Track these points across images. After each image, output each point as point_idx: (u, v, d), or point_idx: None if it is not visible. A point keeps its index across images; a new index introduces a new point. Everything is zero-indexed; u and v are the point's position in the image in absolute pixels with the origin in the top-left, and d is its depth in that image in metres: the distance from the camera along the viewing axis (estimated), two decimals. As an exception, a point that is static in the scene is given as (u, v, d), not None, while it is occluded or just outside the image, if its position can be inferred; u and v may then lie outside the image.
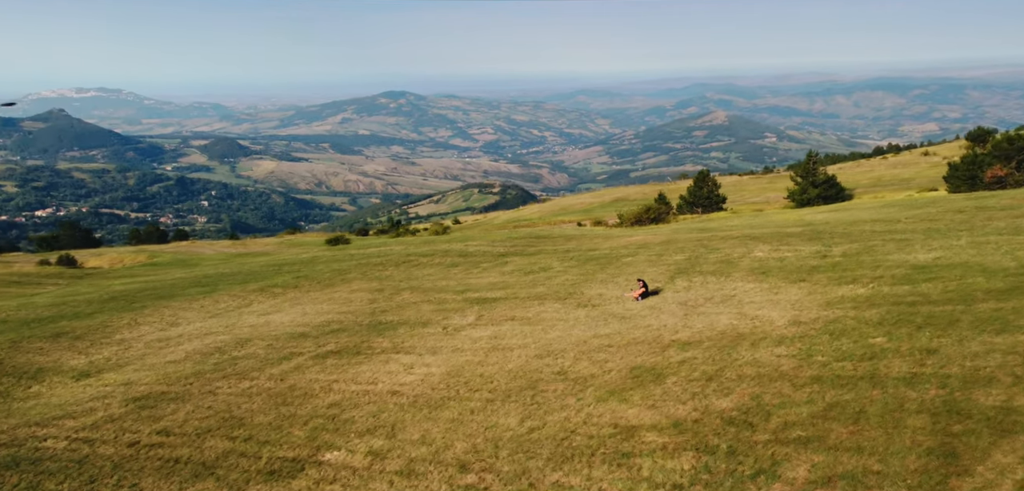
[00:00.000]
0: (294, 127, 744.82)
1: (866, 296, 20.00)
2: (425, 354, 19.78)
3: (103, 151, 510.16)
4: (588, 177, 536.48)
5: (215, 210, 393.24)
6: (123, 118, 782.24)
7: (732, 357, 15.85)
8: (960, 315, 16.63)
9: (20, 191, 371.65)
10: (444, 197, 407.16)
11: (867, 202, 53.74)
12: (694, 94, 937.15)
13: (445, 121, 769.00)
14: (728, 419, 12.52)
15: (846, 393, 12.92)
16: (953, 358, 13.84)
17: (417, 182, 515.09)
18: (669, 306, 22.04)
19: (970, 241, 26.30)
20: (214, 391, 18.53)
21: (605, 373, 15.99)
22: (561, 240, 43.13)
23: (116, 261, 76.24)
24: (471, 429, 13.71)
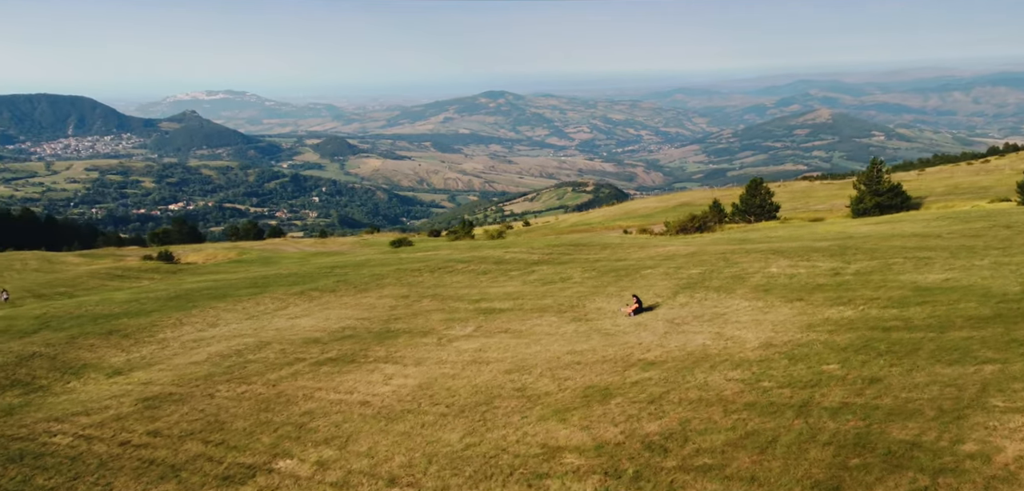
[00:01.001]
0: (399, 126, 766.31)
1: (850, 319, 19.72)
2: (410, 365, 20.60)
3: (228, 150, 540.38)
4: (684, 176, 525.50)
5: (325, 206, 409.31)
6: (246, 118, 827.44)
7: (685, 380, 16.03)
8: (927, 343, 16.31)
9: (156, 187, 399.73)
10: (538, 195, 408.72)
11: (924, 214, 51.02)
12: (797, 91, 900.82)
13: (542, 120, 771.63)
14: (648, 443, 12.80)
15: (770, 421, 12.98)
16: (893, 388, 13.72)
17: (513, 180, 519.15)
18: (656, 323, 22.16)
19: (993, 262, 25.24)
20: (213, 394, 19.90)
21: (560, 391, 16.39)
22: (597, 249, 43.14)
23: (210, 257, 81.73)
24: (415, 443, 14.36)
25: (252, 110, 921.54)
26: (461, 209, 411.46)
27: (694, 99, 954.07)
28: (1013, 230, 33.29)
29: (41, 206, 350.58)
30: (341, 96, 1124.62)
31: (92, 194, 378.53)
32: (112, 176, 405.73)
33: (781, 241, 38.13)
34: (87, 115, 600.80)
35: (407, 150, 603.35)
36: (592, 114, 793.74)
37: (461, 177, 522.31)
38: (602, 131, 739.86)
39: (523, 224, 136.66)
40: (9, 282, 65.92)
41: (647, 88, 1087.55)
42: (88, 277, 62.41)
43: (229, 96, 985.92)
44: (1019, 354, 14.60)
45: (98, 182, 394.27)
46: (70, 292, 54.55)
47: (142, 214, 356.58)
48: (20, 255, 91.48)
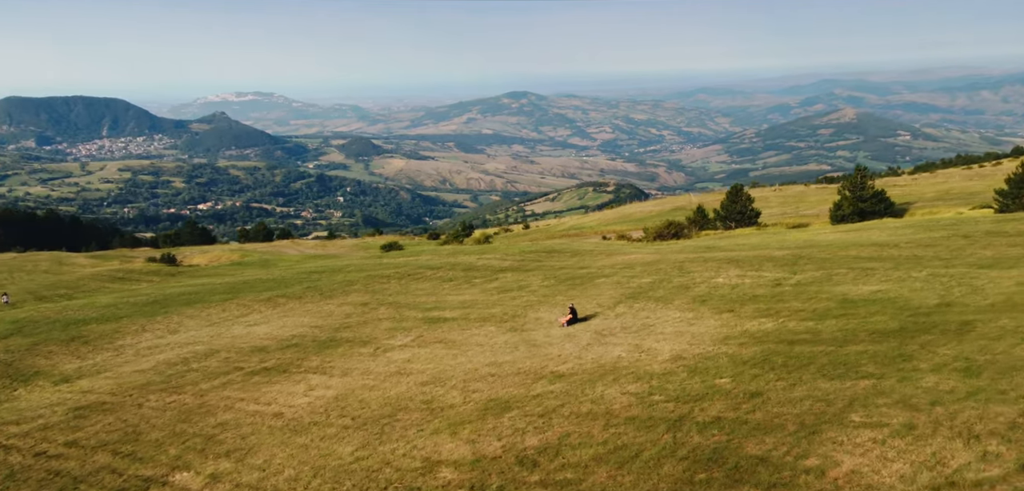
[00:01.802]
0: (423, 127, 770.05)
1: (766, 331, 19.89)
2: (337, 376, 20.93)
3: (256, 150, 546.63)
4: (705, 176, 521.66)
5: (349, 205, 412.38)
6: (274, 119, 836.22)
7: (584, 393, 16.24)
8: (822, 357, 16.49)
9: (186, 187, 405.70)
10: (559, 195, 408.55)
11: (896, 222, 50.86)
12: (821, 91, 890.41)
13: (564, 120, 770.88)
14: (522, 458, 13.06)
15: (642, 435, 13.22)
16: (769, 403, 13.93)
17: (535, 180, 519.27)
18: (584, 334, 22.36)
19: (929, 274, 25.35)
20: (142, 404, 20.25)
21: (465, 404, 16.63)
22: (567, 256, 43.11)
23: (215, 259, 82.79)
24: (309, 456, 14.66)
25: (280, 111, 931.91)
26: (483, 209, 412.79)
27: (717, 99, 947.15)
28: (968, 240, 33.18)
29: (76, 205, 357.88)
30: (367, 97, 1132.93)
31: (124, 194, 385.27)
32: (144, 176, 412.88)
33: (743, 249, 38.22)
34: (121, 117, 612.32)
35: (431, 150, 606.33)
36: (614, 114, 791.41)
37: (483, 177, 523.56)
38: (624, 131, 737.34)
39: (523, 227, 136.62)
40: (17, 283, 67.41)
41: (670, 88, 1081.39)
42: (91, 279, 63.50)
43: (258, 98, 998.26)
44: (897, 370, 14.73)
45: (130, 182, 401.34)
46: (69, 294, 55.61)
47: (172, 213, 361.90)
48: (35, 256, 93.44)
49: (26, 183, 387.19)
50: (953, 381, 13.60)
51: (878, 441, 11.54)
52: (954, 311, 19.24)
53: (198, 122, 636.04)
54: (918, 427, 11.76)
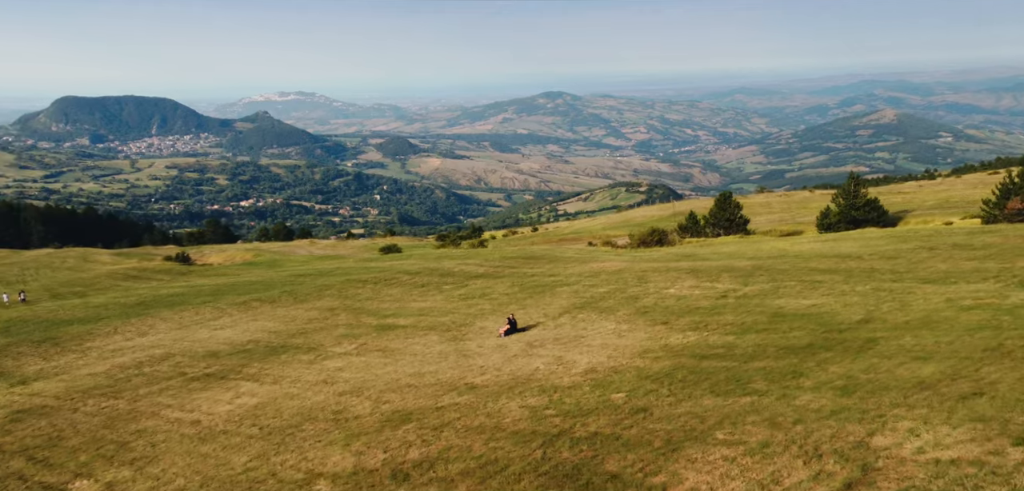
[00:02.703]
0: (459, 127, 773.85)
1: (685, 345, 19.98)
2: (267, 383, 21.30)
3: (297, 149, 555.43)
4: (741, 177, 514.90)
5: (386, 203, 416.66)
6: (315, 119, 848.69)
7: (486, 406, 16.41)
8: (722, 372, 16.60)
9: (230, 184, 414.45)
10: (592, 195, 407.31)
11: (875, 232, 50.84)
12: (861, 91, 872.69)
13: (599, 120, 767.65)
14: (396, 471, 13.29)
15: (517, 450, 13.38)
16: (651, 419, 14.05)
17: (569, 180, 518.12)
18: (516, 345, 22.52)
19: (873, 287, 25.24)
20: (78, 409, 20.74)
21: (371, 415, 16.83)
22: (544, 263, 43.15)
23: (229, 258, 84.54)
24: (206, 465, 14.97)
25: (321, 111, 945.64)
26: (516, 208, 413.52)
27: (754, 99, 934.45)
28: (932, 253, 32.90)
29: (125, 201, 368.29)
30: (405, 97, 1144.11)
31: (171, 190, 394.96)
32: (190, 174, 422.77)
33: (712, 259, 38.28)
34: (169, 115, 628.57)
35: (466, 150, 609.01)
36: (649, 114, 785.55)
37: (517, 176, 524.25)
38: (659, 131, 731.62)
39: (531, 230, 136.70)
40: (40, 279, 69.70)
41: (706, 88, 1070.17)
42: (106, 277, 65.20)
43: (300, 97, 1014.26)
44: (783, 387, 14.80)
45: (177, 179, 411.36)
46: (81, 292, 57.29)
47: (215, 210, 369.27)
48: (65, 253, 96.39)
49: (80, 179, 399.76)
50: (826, 399, 13.63)
51: (729, 459, 11.65)
52: (868, 328, 19.18)
53: (242, 121, 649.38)
54: (772, 445, 11.86)
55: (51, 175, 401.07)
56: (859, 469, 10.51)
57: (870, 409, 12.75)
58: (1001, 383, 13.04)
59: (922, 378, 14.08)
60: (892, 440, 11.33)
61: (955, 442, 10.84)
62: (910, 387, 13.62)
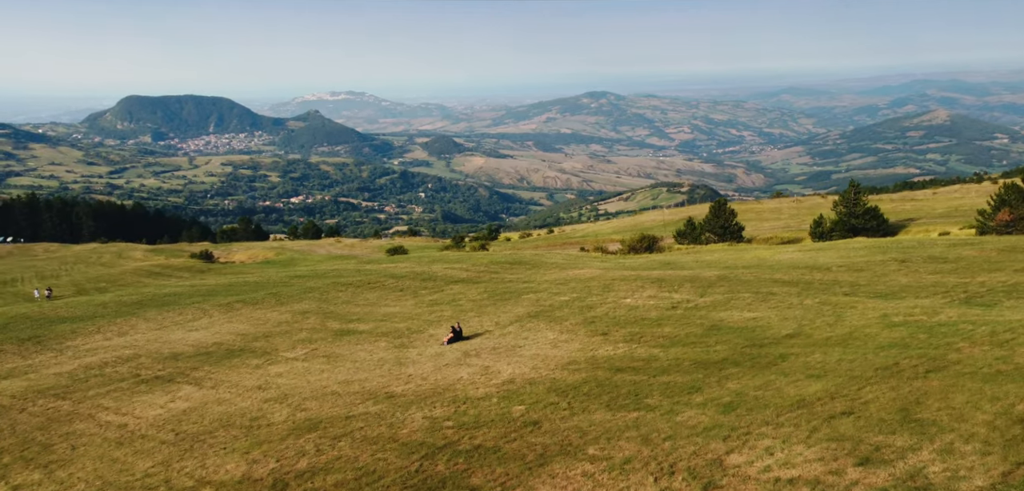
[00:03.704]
0: (504, 126, 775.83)
1: (609, 357, 19.85)
2: (206, 387, 21.62)
3: (346, 147, 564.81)
4: (785, 178, 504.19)
5: (430, 201, 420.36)
6: (364, 118, 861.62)
7: (394, 415, 16.45)
8: (628, 386, 16.51)
9: (281, 181, 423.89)
10: (633, 195, 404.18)
11: (863, 242, 50.28)
12: (913, 92, 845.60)
13: (643, 120, 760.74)
14: (278, 481, 13.47)
15: (397, 461, 13.46)
16: (538, 433, 14.05)
17: (611, 179, 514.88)
18: (452, 354, 22.54)
19: (822, 301, 24.81)
20: (25, 409, 21.19)
21: (284, 422, 17.00)
22: (525, 268, 42.95)
23: (253, 256, 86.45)
24: (112, 470, 15.22)
25: (370, 110, 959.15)
26: (557, 207, 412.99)
27: (801, 99, 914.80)
28: (903, 265, 32.20)
29: (183, 197, 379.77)
30: (452, 96, 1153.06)
31: (226, 187, 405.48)
32: (243, 170, 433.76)
33: (687, 267, 37.77)
34: (226, 114, 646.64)
35: (510, 149, 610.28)
36: (694, 114, 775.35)
37: (560, 175, 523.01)
38: (703, 131, 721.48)
39: (547, 231, 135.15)
40: (73, 274, 72.34)
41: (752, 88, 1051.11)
42: (131, 274, 66.99)
43: (350, 97, 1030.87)
44: (674, 402, 14.76)
45: (231, 176, 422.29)
46: (104, 288, 59.06)
47: (267, 206, 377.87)
48: (105, 248, 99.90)
49: (141, 175, 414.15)
50: (706, 416, 13.59)
51: (588, 475, 11.69)
52: (788, 343, 19.00)
53: (294, 120, 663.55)
54: (633, 462, 11.89)
55: (115, 171, 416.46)
56: (702, 487, 10.60)
57: (741, 426, 12.70)
58: (874, 403, 12.92)
59: (804, 396, 13.94)
60: (746, 458, 11.33)
61: (804, 461, 10.86)
62: (789, 405, 13.52)
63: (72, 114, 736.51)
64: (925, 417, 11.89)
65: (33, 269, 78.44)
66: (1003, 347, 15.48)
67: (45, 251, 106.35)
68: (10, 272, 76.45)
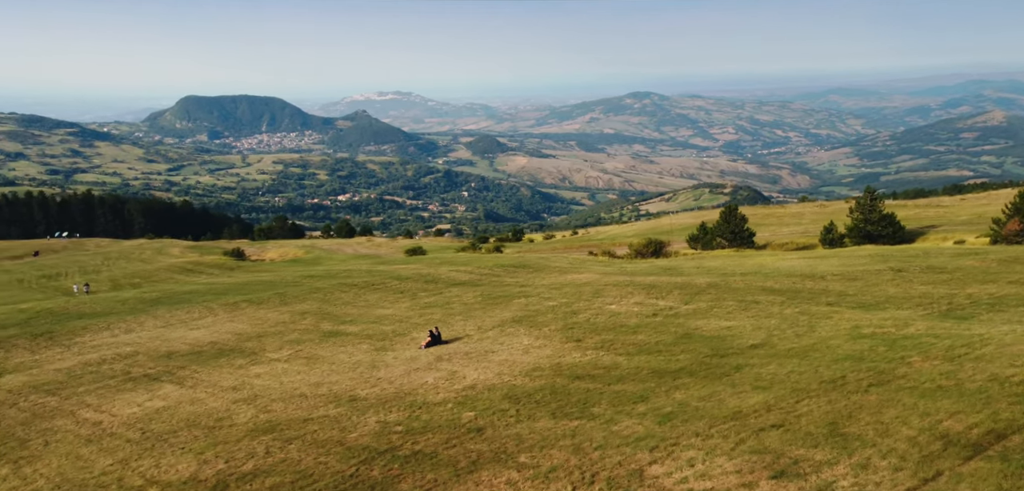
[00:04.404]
0: (547, 126, 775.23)
1: (573, 364, 19.75)
2: (186, 387, 21.94)
3: (392, 146, 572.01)
4: (832, 180, 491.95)
5: (473, 200, 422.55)
6: (410, 118, 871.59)
7: (350, 420, 16.55)
8: (580, 394, 16.44)
9: (329, 179, 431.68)
10: (675, 195, 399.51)
11: (857, 251, 49.80)
12: (968, 92, 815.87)
13: (687, 121, 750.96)
14: (220, 481, 13.69)
15: (337, 465, 13.60)
16: (479, 439, 14.11)
17: (653, 180, 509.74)
18: (425, 358, 22.55)
19: (800, 311, 24.43)
20: (16, 404, 21.76)
21: (247, 423, 17.22)
22: (527, 272, 42.83)
23: (282, 255, 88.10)
24: (74, 467, 15.60)
25: (416, 110, 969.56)
26: (598, 207, 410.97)
27: (850, 100, 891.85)
28: (897, 274, 31.32)
29: (236, 193, 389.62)
30: (496, 96, 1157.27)
31: (276, 184, 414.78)
32: (293, 169, 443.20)
33: (683, 273, 37.10)
34: (278, 114, 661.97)
35: (553, 148, 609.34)
36: (738, 115, 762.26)
37: (602, 175, 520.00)
38: (748, 132, 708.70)
39: (571, 233, 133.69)
40: (113, 269, 74.82)
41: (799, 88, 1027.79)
42: (165, 270, 68.89)
43: (397, 97, 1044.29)
44: (618, 411, 14.70)
45: (282, 174, 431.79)
46: (137, 284, 60.96)
47: (315, 204, 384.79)
48: (147, 244, 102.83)
49: (198, 173, 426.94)
50: (643, 426, 13.54)
51: (512, 483, 11.77)
52: (751, 353, 18.80)
53: (343, 119, 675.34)
54: (558, 471, 11.94)
55: (173, 168, 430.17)
56: (614, 499, 10.59)
57: (672, 437, 12.67)
58: (806, 417, 12.80)
59: (742, 408, 13.84)
60: (667, 469, 11.36)
61: (721, 473, 10.87)
62: (724, 417, 13.44)
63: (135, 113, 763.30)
64: (852, 432, 11.81)
65: (79, 264, 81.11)
66: (953, 362, 15.20)
67: (96, 246, 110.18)
68: (58, 267, 79.39)
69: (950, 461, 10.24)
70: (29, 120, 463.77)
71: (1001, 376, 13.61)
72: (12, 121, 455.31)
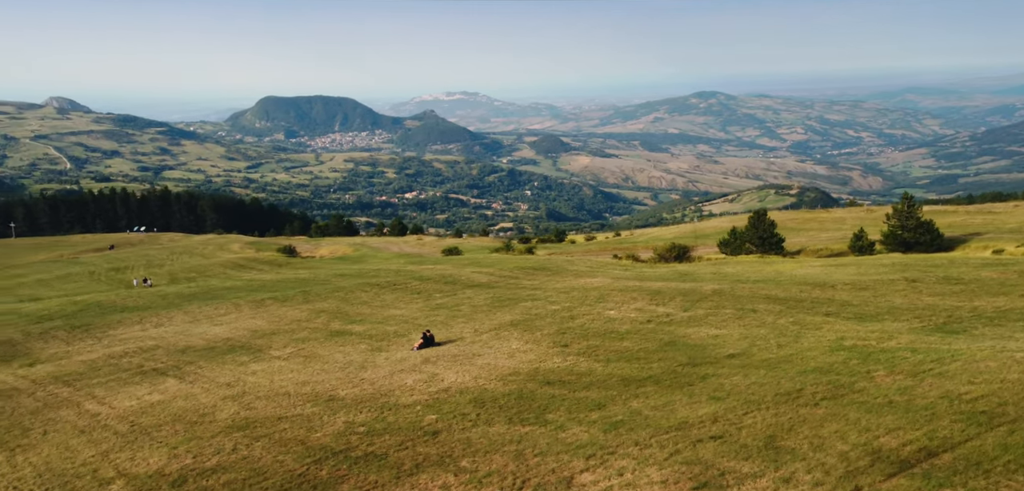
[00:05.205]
0: (611, 126, 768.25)
1: (550, 369, 19.57)
2: (186, 382, 22.45)
3: (458, 145, 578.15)
4: (906, 182, 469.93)
5: (535, 199, 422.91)
6: (477, 117, 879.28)
7: (321, 419, 16.76)
8: (545, 399, 16.34)
9: (397, 177, 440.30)
10: (739, 196, 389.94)
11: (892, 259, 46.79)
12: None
13: (754, 121, 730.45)
14: (182, 476, 14.04)
15: (292, 464, 13.84)
16: (433, 443, 14.19)
17: (717, 180, 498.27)
18: (411, 360, 22.61)
19: (794, 321, 23.99)
20: (34, 393, 22.74)
21: (225, 420, 17.59)
22: (544, 275, 42.72)
23: (333, 252, 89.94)
24: (60, 456, 16.24)
25: (482, 109, 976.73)
26: (660, 207, 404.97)
27: (927, 99, 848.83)
28: (911, 284, 30.20)
29: (309, 191, 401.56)
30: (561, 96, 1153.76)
31: (346, 182, 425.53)
32: (363, 167, 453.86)
33: (694, 280, 36.29)
34: (350, 114, 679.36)
35: (616, 148, 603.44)
36: (808, 115, 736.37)
37: (665, 176, 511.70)
38: (817, 132, 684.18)
39: (614, 235, 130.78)
40: (176, 264, 77.97)
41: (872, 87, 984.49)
42: (220, 266, 71.29)
43: (464, 97, 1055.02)
44: (570, 419, 14.63)
45: (352, 172, 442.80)
46: (192, 278, 63.44)
47: (382, 201, 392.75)
48: (212, 239, 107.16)
49: (274, 170, 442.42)
50: (589, 434, 13.52)
51: (446, 487, 11.90)
52: (723, 363, 18.45)
53: (411, 119, 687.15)
54: (493, 476, 12.03)
55: (252, 166, 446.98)
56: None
57: (612, 445, 12.65)
58: (749, 429, 12.69)
59: (689, 418, 13.72)
60: (597, 477, 11.43)
61: (647, 483, 10.93)
62: (670, 426, 13.35)
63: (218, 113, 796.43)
64: (787, 445, 11.71)
65: (146, 258, 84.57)
66: (915, 377, 14.76)
67: (169, 241, 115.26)
68: (128, 260, 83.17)
69: (872, 477, 10.14)
70: (124, 120, 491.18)
71: (954, 393, 13.25)
72: (109, 121, 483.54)
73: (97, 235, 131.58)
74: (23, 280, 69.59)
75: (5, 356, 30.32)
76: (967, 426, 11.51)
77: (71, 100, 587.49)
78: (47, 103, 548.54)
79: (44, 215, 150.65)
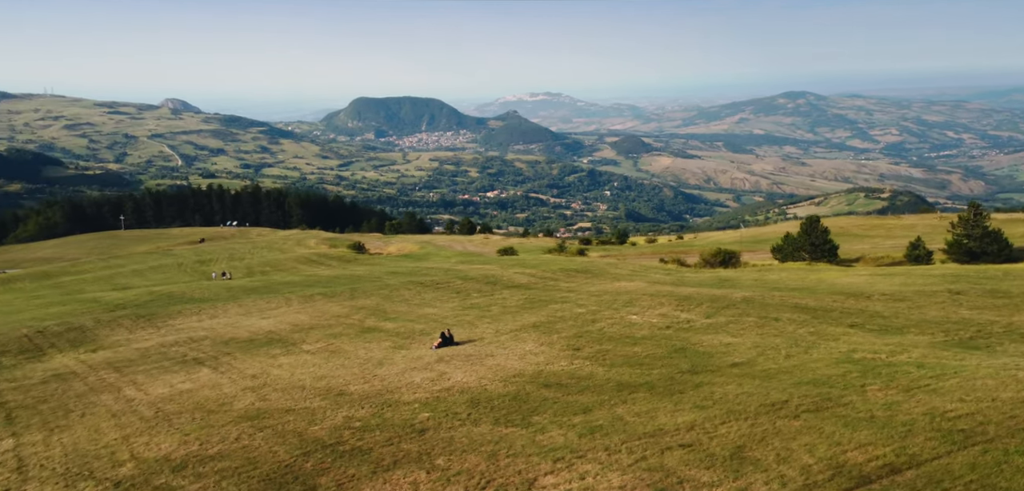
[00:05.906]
0: (694, 127, 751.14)
1: (553, 372, 19.48)
2: (220, 372, 23.22)
3: (539, 145, 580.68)
4: (1012, 186, 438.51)
5: (615, 199, 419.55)
6: (559, 118, 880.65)
7: (324, 414, 17.07)
8: (537, 401, 16.26)
9: (479, 176, 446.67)
10: (826, 199, 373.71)
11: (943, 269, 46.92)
12: None
13: (844, 121, 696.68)
14: (185, 461, 14.63)
15: (284, 455, 14.16)
16: (417, 440, 14.26)
17: (804, 182, 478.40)
18: (427, 358, 22.76)
19: (812, 331, 23.23)
20: (87, 377, 23.95)
21: (240, 409, 18.18)
22: (583, 278, 42.40)
23: (399, 249, 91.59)
24: (86, 438, 17.07)
25: (565, 110, 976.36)
26: (743, 209, 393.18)
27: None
28: (953, 297, 28.32)
29: (396, 188, 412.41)
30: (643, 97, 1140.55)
31: (431, 180, 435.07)
32: (447, 166, 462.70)
33: (727, 287, 35.30)
34: (436, 114, 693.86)
35: (698, 149, 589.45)
36: (903, 115, 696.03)
37: (748, 177, 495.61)
38: (914, 133, 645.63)
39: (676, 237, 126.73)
40: (255, 258, 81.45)
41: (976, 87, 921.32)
42: (293, 260, 73.77)
43: (547, 98, 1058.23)
44: (554, 422, 14.53)
45: (437, 170, 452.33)
46: (266, 272, 66.14)
47: (464, 199, 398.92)
48: (294, 234, 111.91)
49: (363, 169, 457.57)
50: (563, 438, 13.44)
51: (415, 484, 12.04)
52: (724, 372, 18.03)
53: (495, 119, 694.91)
54: (461, 476, 12.11)
55: (343, 164, 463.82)
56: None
57: (582, 450, 12.64)
58: (720, 438, 12.51)
59: (665, 426, 13.55)
60: (559, 480, 11.48)
61: (606, 487, 10.98)
62: (644, 433, 13.22)
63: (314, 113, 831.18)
64: (753, 456, 11.54)
65: (230, 252, 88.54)
66: (907, 393, 14.16)
67: (257, 235, 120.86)
68: (214, 253, 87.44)
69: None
70: (229, 120, 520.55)
71: (939, 410, 12.78)
72: (216, 121, 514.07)
73: (194, 228, 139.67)
74: (121, 270, 74.33)
75: (74, 341, 32.37)
76: (940, 444, 11.14)
77: (183, 101, 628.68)
78: (163, 104, 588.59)
79: (149, 209, 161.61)
